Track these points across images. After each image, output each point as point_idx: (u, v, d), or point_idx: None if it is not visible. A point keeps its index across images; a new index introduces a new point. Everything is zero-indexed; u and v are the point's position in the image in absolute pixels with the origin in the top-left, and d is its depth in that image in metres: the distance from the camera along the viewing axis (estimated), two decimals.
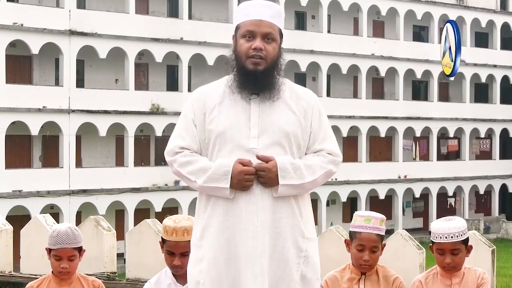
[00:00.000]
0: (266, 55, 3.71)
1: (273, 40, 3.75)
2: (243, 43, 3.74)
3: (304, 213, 3.79)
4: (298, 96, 3.83)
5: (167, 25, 39.68)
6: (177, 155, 3.77)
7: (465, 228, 4.50)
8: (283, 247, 3.70)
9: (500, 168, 52.51)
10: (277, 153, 3.69)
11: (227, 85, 3.78)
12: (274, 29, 3.77)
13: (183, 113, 3.85)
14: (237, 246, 3.67)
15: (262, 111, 3.73)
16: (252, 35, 3.73)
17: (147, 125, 38.71)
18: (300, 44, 43.61)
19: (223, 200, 3.69)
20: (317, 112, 3.86)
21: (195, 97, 3.85)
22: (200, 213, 3.82)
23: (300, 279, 3.74)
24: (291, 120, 3.74)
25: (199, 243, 3.78)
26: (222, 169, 3.65)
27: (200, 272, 3.75)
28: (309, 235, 3.79)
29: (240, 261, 3.66)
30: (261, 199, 3.67)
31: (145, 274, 8.29)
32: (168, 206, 37.93)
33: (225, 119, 3.72)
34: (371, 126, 46.48)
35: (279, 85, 3.76)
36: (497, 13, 53.22)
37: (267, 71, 3.72)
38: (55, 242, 4.52)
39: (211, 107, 3.77)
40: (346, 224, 39.33)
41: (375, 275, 4.56)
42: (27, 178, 34.94)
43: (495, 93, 53.28)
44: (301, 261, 3.74)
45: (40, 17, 35.64)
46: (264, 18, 3.75)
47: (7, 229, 9.15)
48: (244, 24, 3.76)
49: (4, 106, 34.46)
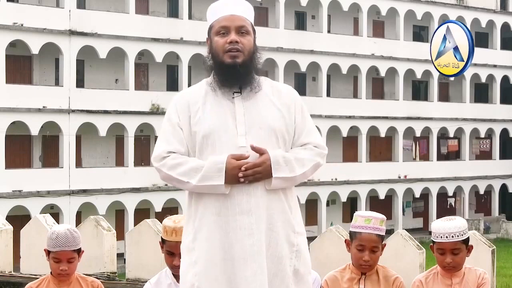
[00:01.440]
0: (243, 48, 3.73)
1: (247, 33, 3.78)
2: (218, 40, 3.76)
3: (293, 208, 3.81)
4: (280, 92, 3.84)
5: (167, 25, 39.69)
6: (165, 159, 3.72)
7: (465, 228, 4.50)
8: (277, 243, 3.70)
9: (500, 168, 52.52)
10: (269, 149, 3.70)
11: (208, 86, 3.79)
12: (247, 22, 3.80)
13: (167, 118, 3.81)
14: (233, 246, 3.65)
15: (247, 108, 3.73)
16: (226, 30, 3.76)
17: (147, 125, 38.71)
18: (300, 44, 43.64)
19: (215, 199, 3.68)
20: (299, 106, 3.86)
21: (178, 101, 3.83)
22: (191, 215, 3.78)
23: (293, 274, 3.75)
24: (276, 116, 3.76)
25: (192, 245, 3.74)
26: (216, 166, 3.64)
27: (196, 275, 3.70)
28: (299, 229, 3.80)
29: (237, 260, 3.64)
30: (254, 196, 3.67)
31: (145, 274, 8.29)
32: (168, 206, 37.94)
33: (211, 119, 3.71)
34: (371, 126, 46.49)
35: (259, 79, 3.79)
36: (497, 13, 53.23)
37: (246, 63, 3.73)
38: (54, 245, 4.51)
39: (195, 109, 3.76)
40: (346, 224, 39.34)
41: (375, 275, 4.56)
42: (27, 178, 34.94)
43: (495, 93, 53.30)
44: (293, 256, 3.75)
45: (40, 17, 35.64)
46: (236, 13, 3.79)
47: (7, 229, 9.15)
48: (217, 22, 3.79)
49: (4, 106, 34.46)
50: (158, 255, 5.11)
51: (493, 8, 53.09)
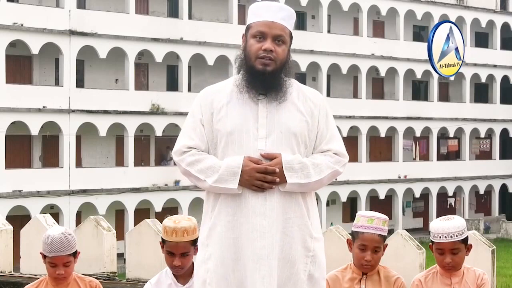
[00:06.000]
0: (276, 57, 3.72)
1: (283, 42, 3.76)
2: (254, 43, 3.74)
3: (312, 213, 3.82)
4: (305, 97, 3.83)
5: (167, 25, 39.68)
6: (185, 154, 3.76)
7: (464, 227, 4.49)
8: (291, 247, 3.71)
9: (500, 168, 52.51)
10: (284, 153, 3.71)
11: (235, 85, 3.78)
12: (285, 31, 3.77)
13: (191, 113, 3.84)
14: (244, 246, 3.68)
15: (270, 112, 3.73)
16: (263, 36, 3.73)
17: (147, 125, 38.70)
18: (300, 44, 43.57)
19: (231, 200, 3.70)
20: (324, 112, 3.85)
21: (202, 97, 3.84)
22: (207, 212, 3.82)
23: (307, 278, 3.77)
24: (298, 121, 3.75)
25: (206, 242, 3.78)
26: (231, 170, 3.66)
27: (207, 271, 3.75)
28: (316, 235, 3.82)
29: (247, 261, 3.67)
30: (269, 199, 3.68)
31: (145, 274, 8.29)
32: (168, 206, 37.93)
33: (233, 119, 3.72)
34: (371, 126, 46.49)
35: (286, 87, 3.77)
36: (497, 13, 53.22)
37: (275, 72, 3.72)
38: (50, 250, 4.50)
39: (218, 107, 3.76)
40: (346, 224, 39.42)
41: (377, 275, 4.56)
42: (27, 178, 34.94)
43: (495, 93, 53.28)
44: (309, 261, 3.77)
45: (40, 17, 35.64)
46: (276, 20, 3.75)
47: (7, 229, 9.15)
48: (255, 25, 3.77)
49: (4, 106, 34.46)
50: (158, 255, 5.12)
51: (493, 8, 53.08)
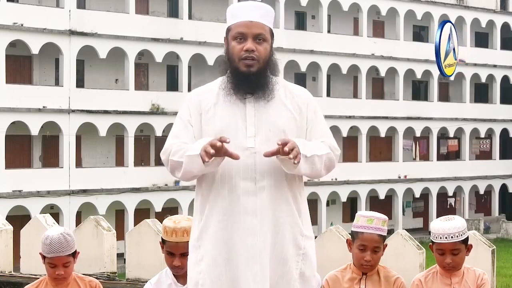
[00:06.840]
0: (258, 56, 3.73)
1: (264, 40, 3.76)
2: (235, 45, 3.75)
3: (302, 211, 3.83)
4: (293, 94, 3.85)
5: (167, 25, 39.68)
6: (171, 146, 3.76)
7: (464, 227, 4.49)
8: (282, 245, 3.72)
9: (500, 168, 52.52)
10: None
11: (221, 87, 3.80)
12: (265, 29, 3.78)
13: (179, 115, 3.88)
14: (236, 245, 3.68)
15: (258, 110, 3.74)
16: (243, 37, 3.74)
17: (147, 125, 38.71)
18: (300, 44, 43.63)
19: (222, 199, 3.70)
20: (312, 108, 3.86)
21: (190, 99, 3.87)
22: (197, 214, 3.82)
23: (299, 277, 3.78)
24: (286, 118, 3.76)
25: (197, 244, 3.78)
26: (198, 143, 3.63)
27: (200, 273, 3.75)
28: (307, 233, 3.83)
29: (239, 261, 3.67)
30: (260, 198, 3.68)
31: (145, 274, 8.29)
32: (168, 206, 37.93)
33: (221, 119, 3.74)
34: (371, 126, 46.49)
35: (273, 85, 3.78)
36: (497, 13, 53.22)
37: (260, 72, 3.74)
38: (48, 251, 4.49)
39: (206, 108, 3.78)
40: (346, 224, 39.38)
41: (376, 276, 4.56)
42: (27, 178, 34.94)
43: (495, 93, 53.29)
44: (300, 259, 3.78)
45: (40, 17, 35.64)
46: (254, 19, 3.76)
47: (7, 229, 9.15)
48: (234, 26, 3.78)
49: (4, 106, 34.46)
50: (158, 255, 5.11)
51: (493, 8, 53.08)
